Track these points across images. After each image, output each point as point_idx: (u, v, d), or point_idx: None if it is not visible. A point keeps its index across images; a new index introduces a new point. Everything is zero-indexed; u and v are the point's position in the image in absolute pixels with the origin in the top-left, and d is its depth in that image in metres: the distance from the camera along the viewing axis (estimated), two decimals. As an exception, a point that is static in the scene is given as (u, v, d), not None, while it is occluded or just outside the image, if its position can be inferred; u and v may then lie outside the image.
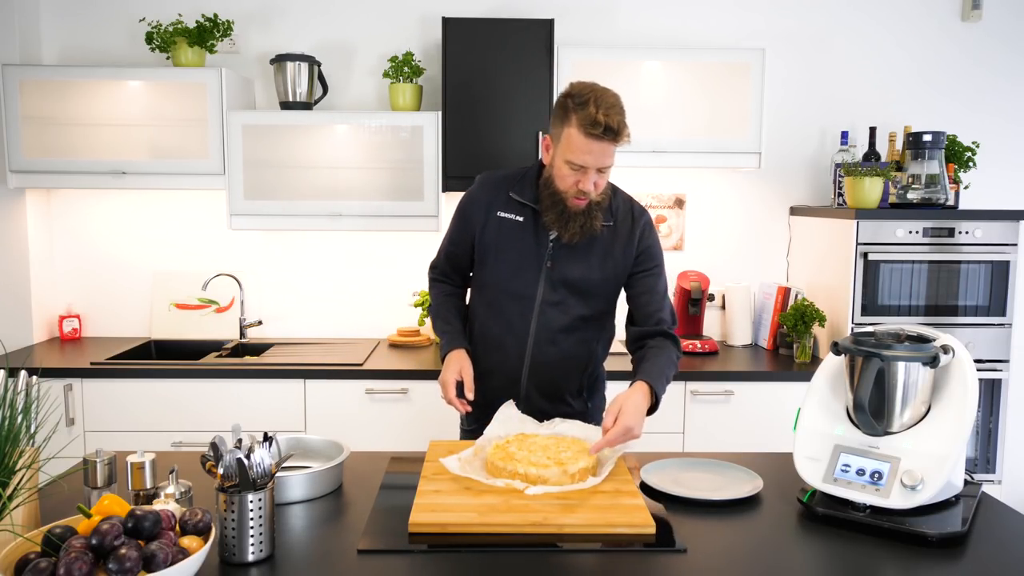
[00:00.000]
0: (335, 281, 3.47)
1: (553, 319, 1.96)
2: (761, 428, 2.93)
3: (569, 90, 1.83)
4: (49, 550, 1.16)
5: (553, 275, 1.94)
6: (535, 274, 1.95)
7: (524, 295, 1.96)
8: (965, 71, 3.46)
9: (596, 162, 1.81)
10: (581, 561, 1.37)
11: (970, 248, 2.96)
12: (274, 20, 3.37)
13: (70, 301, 3.44)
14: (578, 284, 1.95)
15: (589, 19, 3.39)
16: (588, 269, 1.95)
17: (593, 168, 1.82)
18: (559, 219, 1.89)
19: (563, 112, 1.82)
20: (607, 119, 1.76)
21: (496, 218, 1.96)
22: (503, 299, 1.98)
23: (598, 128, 1.76)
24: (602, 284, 1.97)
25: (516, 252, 1.95)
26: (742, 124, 3.11)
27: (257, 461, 1.35)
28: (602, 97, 1.79)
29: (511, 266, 1.96)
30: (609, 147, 1.80)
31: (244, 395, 2.88)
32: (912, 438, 1.54)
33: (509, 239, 1.96)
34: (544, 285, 1.95)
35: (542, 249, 1.94)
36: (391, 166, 3.09)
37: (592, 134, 1.77)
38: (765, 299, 3.40)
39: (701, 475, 1.78)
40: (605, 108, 1.77)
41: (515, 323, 1.97)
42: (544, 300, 1.95)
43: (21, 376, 1.38)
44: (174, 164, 3.07)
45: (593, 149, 1.79)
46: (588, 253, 1.94)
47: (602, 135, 1.77)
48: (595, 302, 1.99)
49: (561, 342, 1.98)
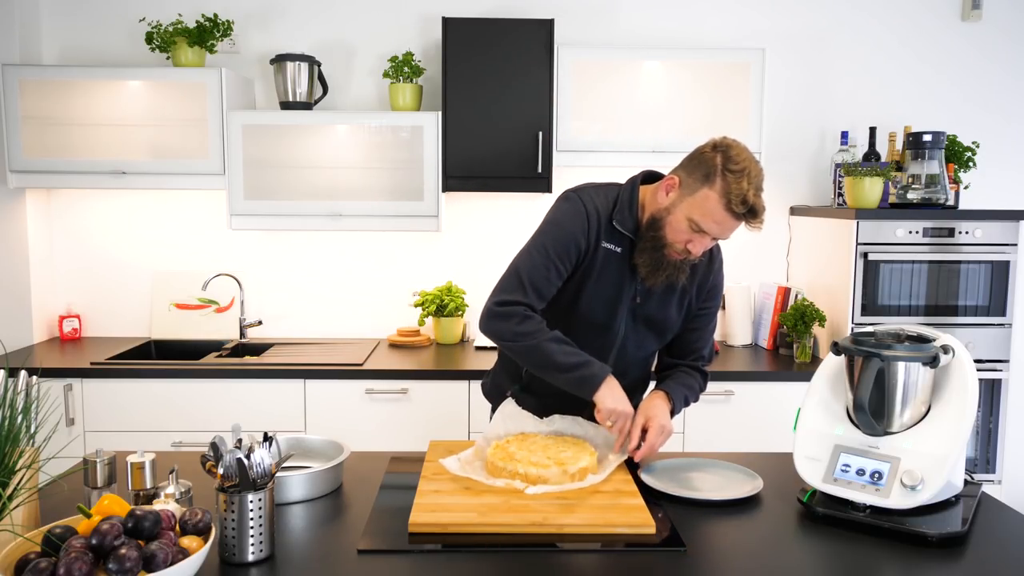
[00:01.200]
0: (335, 281, 3.47)
1: (631, 353, 1.90)
2: (761, 428, 2.93)
3: (725, 149, 1.67)
4: (49, 550, 1.16)
5: (638, 311, 1.86)
6: (622, 308, 1.85)
7: (608, 328, 1.86)
8: (965, 71, 3.46)
9: (723, 235, 1.71)
10: (581, 561, 1.37)
11: (970, 248, 2.96)
12: (274, 20, 3.37)
13: (70, 301, 3.44)
14: (659, 322, 1.88)
15: (589, 19, 3.39)
16: (669, 307, 1.88)
17: (715, 237, 1.72)
18: (651, 262, 1.77)
19: (709, 169, 1.66)
20: (755, 200, 1.64)
21: (602, 248, 1.81)
22: (586, 329, 1.85)
23: (744, 207, 1.64)
24: (677, 319, 1.91)
25: (609, 284, 1.83)
26: (742, 124, 3.11)
27: (257, 461, 1.35)
28: (756, 175, 1.66)
29: (601, 298, 1.83)
30: (740, 225, 1.69)
31: (244, 395, 2.88)
32: (912, 438, 1.54)
33: (606, 270, 1.82)
34: (627, 319, 1.86)
35: (633, 283, 1.84)
36: (391, 166, 3.09)
37: (734, 211, 1.65)
38: (765, 299, 3.40)
39: (701, 475, 1.78)
40: (756, 187, 1.65)
41: (594, 353, 1.81)
42: (626, 335, 1.88)
43: (21, 376, 1.38)
44: (174, 164, 3.07)
45: (728, 225, 1.68)
46: (671, 292, 1.86)
47: (744, 215, 1.66)
48: (668, 335, 1.94)
49: (631, 374, 1.93)
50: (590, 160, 3.11)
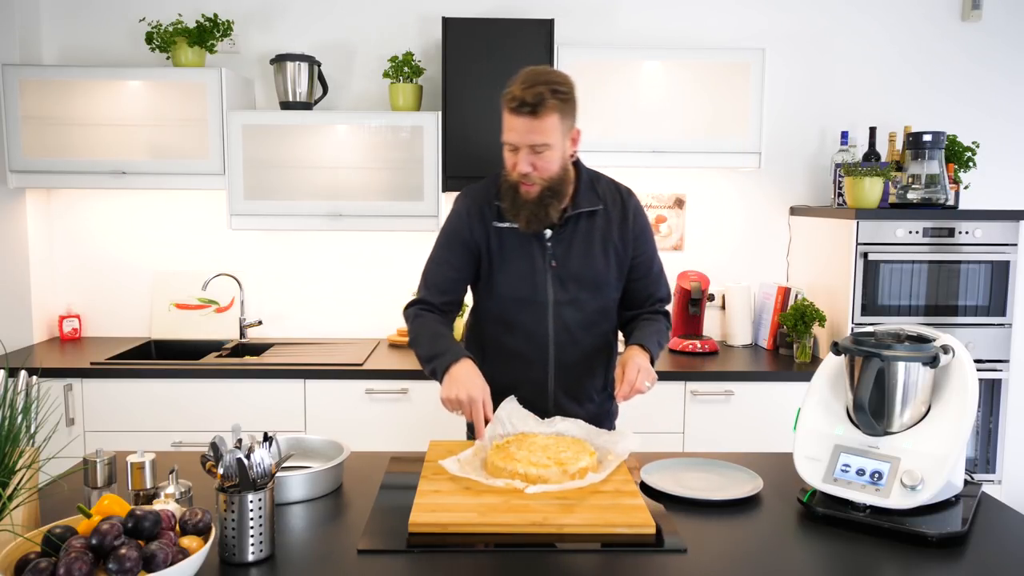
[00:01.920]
0: (335, 281, 3.47)
1: (570, 318, 1.94)
2: (761, 428, 2.93)
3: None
4: (49, 550, 1.16)
5: (560, 273, 1.92)
6: (542, 276, 1.91)
7: (535, 300, 1.92)
8: (965, 71, 3.46)
9: (521, 139, 1.78)
10: (581, 561, 1.37)
11: (970, 248, 2.96)
12: (274, 20, 3.37)
13: (70, 301, 3.44)
14: (586, 277, 1.93)
15: (589, 19, 3.39)
16: (592, 259, 1.92)
17: (524, 147, 1.78)
18: (512, 207, 1.86)
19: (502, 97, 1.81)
20: (523, 94, 1.74)
21: (495, 229, 1.92)
22: (515, 308, 1.94)
23: (514, 102, 1.75)
24: (609, 272, 1.95)
25: (520, 258, 1.92)
26: (742, 124, 3.11)
27: (257, 461, 1.35)
28: (532, 74, 1.78)
29: (518, 274, 1.92)
30: (532, 123, 1.76)
31: (244, 395, 2.88)
32: (912, 438, 1.54)
33: (511, 247, 1.92)
34: (553, 285, 1.92)
35: (543, 250, 1.91)
36: (391, 166, 3.09)
37: (511, 108, 1.76)
38: (765, 299, 3.40)
39: (701, 475, 1.77)
40: (528, 84, 1.75)
41: (532, 330, 1.93)
42: (556, 301, 1.92)
43: (21, 376, 1.38)
44: (174, 164, 3.07)
45: (516, 126, 1.77)
46: (589, 243, 1.92)
47: (518, 109, 1.75)
48: (607, 291, 1.97)
49: (582, 340, 1.96)
50: (590, 160, 3.04)
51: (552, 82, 1.77)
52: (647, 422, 2.85)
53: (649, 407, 2.72)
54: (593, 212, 1.93)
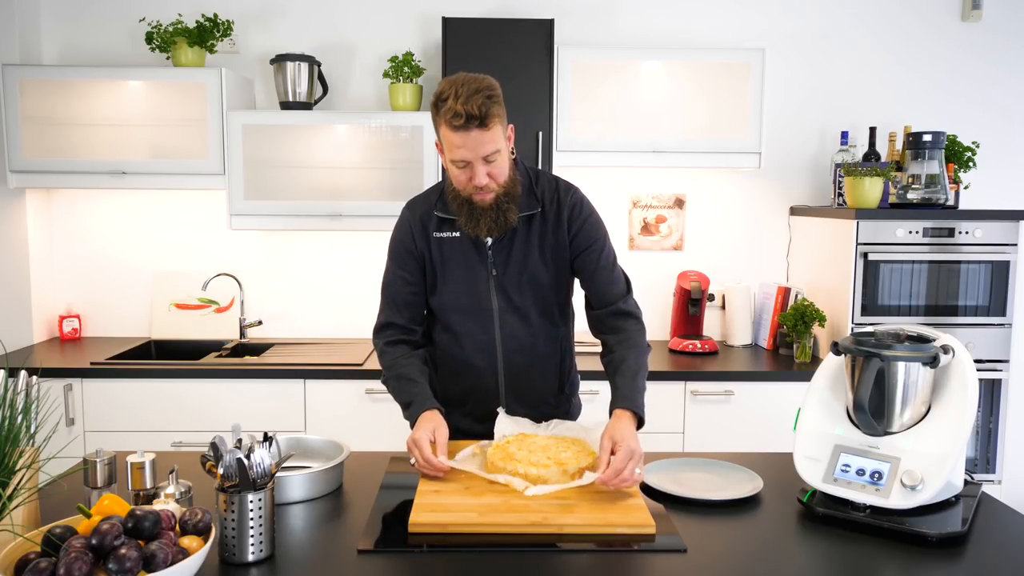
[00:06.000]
0: (335, 281, 3.47)
1: (516, 325, 1.91)
2: (761, 428, 2.93)
3: (437, 89, 1.74)
4: (49, 550, 1.16)
5: (502, 281, 1.89)
6: (485, 285, 1.89)
7: (480, 308, 1.90)
8: (965, 71, 3.46)
9: (474, 153, 1.73)
10: (581, 561, 1.37)
11: (970, 248, 2.96)
12: (274, 20, 3.37)
13: (70, 301, 3.44)
14: (528, 284, 1.90)
15: (589, 19, 3.39)
16: (533, 264, 1.89)
17: (477, 160, 1.74)
18: (470, 219, 1.82)
19: (435, 113, 1.74)
20: (467, 107, 1.67)
21: (436, 239, 1.89)
22: (461, 320, 1.92)
23: (460, 119, 1.68)
24: (552, 275, 1.91)
25: (461, 268, 1.89)
26: (742, 124, 3.11)
27: (257, 461, 1.35)
28: (463, 86, 1.70)
29: (460, 283, 1.90)
30: (481, 134, 1.70)
31: (244, 395, 2.88)
32: (912, 438, 1.54)
33: (452, 257, 1.89)
34: (497, 294, 1.89)
35: (483, 259, 1.88)
36: (391, 166, 3.09)
37: (457, 126, 1.69)
38: (765, 299, 3.40)
39: (701, 475, 1.77)
40: (465, 96, 1.68)
41: (479, 340, 1.92)
42: (501, 308, 1.90)
43: (21, 376, 1.38)
44: (174, 164, 3.07)
45: (465, 142, 1.71)
46: (527, 247, 1.88)
47: (466, 125, 1.69)
48: (552, 295, 1.93)
49: (530, 347, 1.93)
50: (590, 160, 3.11)
51: (484, 88, 1.71)
52: (647, 422, 2.84)
53: (649, 407, 2.71)
54: (531, 216, 1.88)
